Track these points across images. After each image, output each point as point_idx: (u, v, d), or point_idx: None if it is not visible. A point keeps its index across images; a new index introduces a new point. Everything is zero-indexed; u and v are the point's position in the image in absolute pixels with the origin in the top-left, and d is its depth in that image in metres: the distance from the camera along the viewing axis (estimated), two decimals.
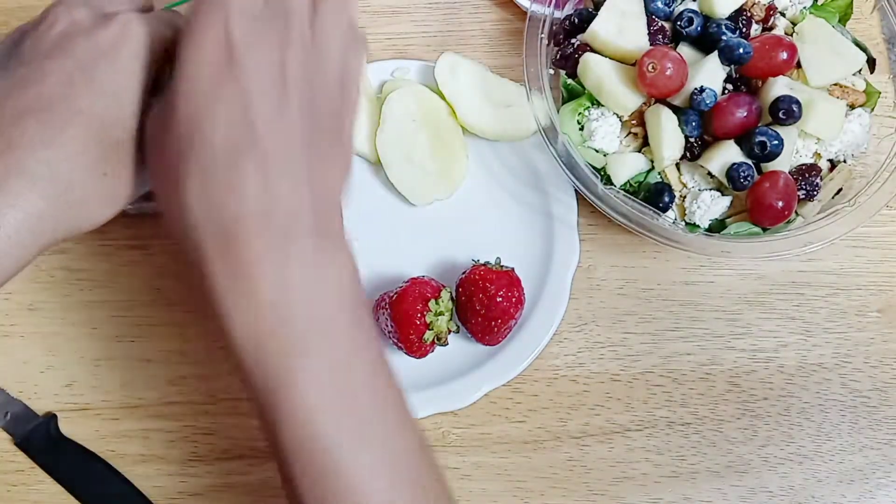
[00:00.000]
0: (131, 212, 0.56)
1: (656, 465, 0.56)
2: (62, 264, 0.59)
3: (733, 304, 0.59)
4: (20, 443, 0.55)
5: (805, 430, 0.56)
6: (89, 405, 0.56)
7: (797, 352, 0.58)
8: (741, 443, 0.56)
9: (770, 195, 0.53)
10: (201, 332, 0.57)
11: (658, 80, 0.53)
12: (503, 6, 0.65)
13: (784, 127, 0.54)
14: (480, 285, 0.53)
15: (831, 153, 0.57)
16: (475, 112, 0.60)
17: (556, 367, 0.57)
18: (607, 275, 0.59)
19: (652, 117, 0.55)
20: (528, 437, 0.56)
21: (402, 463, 0.37)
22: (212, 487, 0.55)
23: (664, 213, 0.55)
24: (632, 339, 0.58)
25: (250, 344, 0.36)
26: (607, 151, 0.57)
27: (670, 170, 0.56)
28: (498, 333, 0.54)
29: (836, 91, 0.57)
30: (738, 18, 0.56)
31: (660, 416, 0.56)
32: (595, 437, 0.56)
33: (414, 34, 0.64)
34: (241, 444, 0.56)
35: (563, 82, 0.58)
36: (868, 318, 0.59)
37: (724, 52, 0.54)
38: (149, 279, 0.59)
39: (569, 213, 0.58)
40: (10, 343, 0.57)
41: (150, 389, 0.57)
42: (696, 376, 0.57)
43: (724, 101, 0.54)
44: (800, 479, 0.56)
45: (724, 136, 0.54)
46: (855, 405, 0.57)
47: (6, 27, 0.64)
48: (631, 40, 0.56)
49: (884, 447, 0.56)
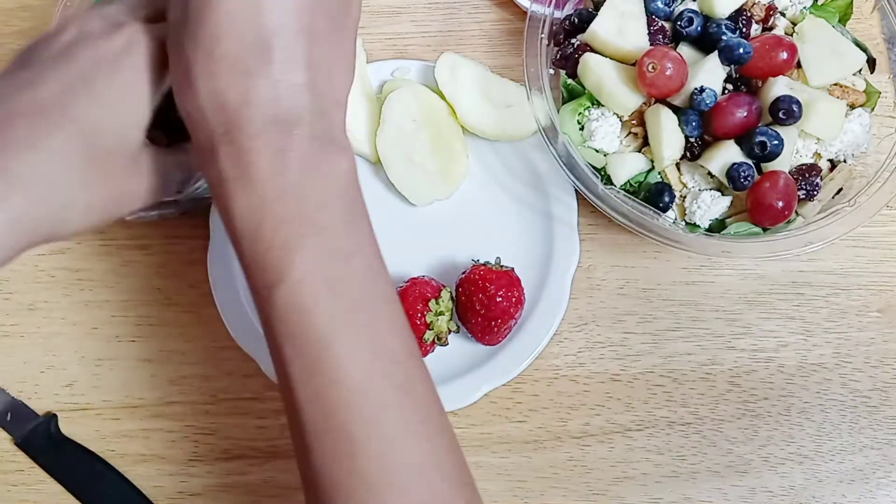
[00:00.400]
0: (131, 219, 0.56)
1: (656, 464, 0.56)
2: (62, 264, 0.59)
3: (733, 304, 0.59)
4: (20, 443, 0.55)
5: (805, 430, 0.56)
6: (89, 405, 0.56)
7: (797, 352, 0.58)
8: (741, 443, 0.56)
9: (770, 195, 0.53)
10: (201, 332, 0.57)
11: (658, 80, 0.53)
12: (503, 6, 0.65)
13: (784, 127, 0.54)
14: (480, 285, 0.53)
15: (831, 153, 0.57)
16: (475, 112, 0.60)
17: (557, 367, 0.57)
18: (607, 275, 0.59)
19: (652, 117, 0.55)
20: (528, 437, 0.56)
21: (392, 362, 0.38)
22: (212, 487, 0.55)
23: (664, 213, 0.55)
24: (632, 339, 0.58)
25: (248, 238, 0.36)
26: (607, 151, 0.57)
27: (670, 170, 0.56)
28: (498, 333, 0.54)
29: (836, 91, 0.57)
30: (738, 18, 0.56)
31: (660, 415, 0.56)
32: (595, 436, 0.56)
33: (414, 34, 0.64)
34: (241, 444, 0.56)
35: (563, 82, 0.58)
36: (868, 318, 0.59)
37: (724, 52, 0.54)
38: (149, 279, 0.59)
39: (569, 213, 0.58)
40: (10, 343, 0.58)
41: (150, 389, 0.57)
42: (697, 376, 0.57)
43: (724, 101, 0.54)
44: (800, 478, 0.56)
45: (724, 136, 0.54)
46: (855, 405, 0.57)
47: (6, 27, 0.64)
48: (631, 40, 0.56)
49: (884, 447, 0.56)
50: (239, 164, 0.36)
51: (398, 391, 0.37)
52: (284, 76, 0.37)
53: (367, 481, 0.36)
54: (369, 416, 0.36)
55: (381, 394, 0.37)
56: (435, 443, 0.38)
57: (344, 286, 0.37)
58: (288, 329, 0.36)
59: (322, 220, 0.37)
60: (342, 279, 0.37)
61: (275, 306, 0.36)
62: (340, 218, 0.38)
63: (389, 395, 0.37)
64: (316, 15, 0.38)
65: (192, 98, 0.37)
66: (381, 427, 0.36)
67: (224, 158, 0.37)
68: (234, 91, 0.36)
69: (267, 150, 0.36)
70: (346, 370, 0.36)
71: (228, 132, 0.36)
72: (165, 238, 0.59)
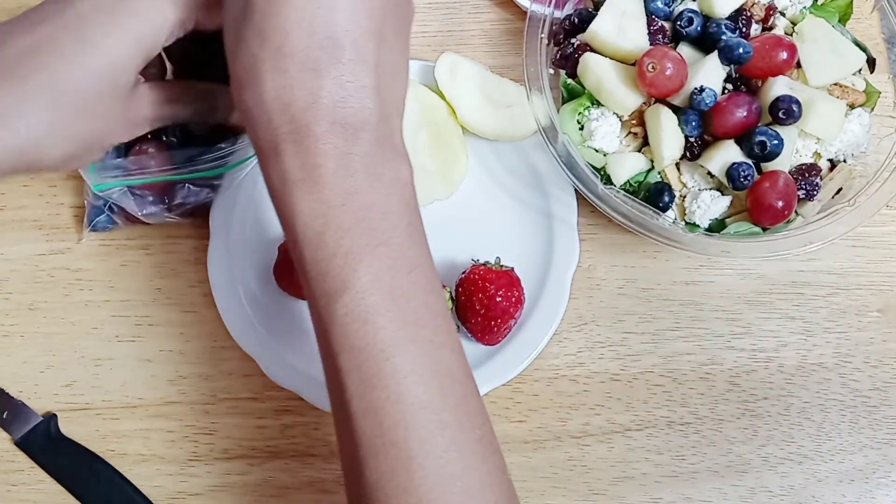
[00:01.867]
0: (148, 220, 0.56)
1: (656, 464, 0.56)
2: (62, 264, 0.59)
3: (733, 303, 0.59)
4: (20, 442, 0.55)
5: (805, 430, 0.56)
6: (89, 405, 0.56)
7: (797, 351, 0.58)
8: (741, 442, 0.56)
9: (770, 195, 0.53)
10: (201, 332, 0.57)
11: (658, 79, 0.53)
12: (503, 6, 0.65)
13: (784, 127, 0.54)
14: (480, 285, 0.53)
15: (831, 153, 0.57)
16: (475, 112, 0.60)
17: (556, 367, 0.57)
18: (607, 275, 0.59)
19: (652, 117, 0.55)
20: (528, 437, 0.56)
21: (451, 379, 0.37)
22: (211, 487, 0.55)
23: (664, 212, 0.55)
24: (632, 339, 0.58)
25: (311, 243, 0.36)
26: (607, 151, 0.57)
27: (670, 170, 0.56)
28: (498, 333, 0.54)
29: (836, 91, 0.57)
30: (738, 18, 0.56)
31: (660, 415, 0.56)
32: (595, 436, 0.56)
33: (414, 34, 0.63)
34: (241, 444, 0.56)
35: (563, 82, 0.58)
36: (868, 317, 0.59)
37: (724, 51, 0.54)
38: (149, 279, 0.59)
39: (569, 213, 0.58)
40: (10, 343, 0.58)
41: (150, 389, 0.57)
42: (696, 376, 0.57)
43: (724, 100, 0.54)
44: (800, 478, 0.56)
45: (724, 135, 0.54)
46: (855, 405, 0.57)
47: None
48: (631, 40, 0.56)
49: (884, 447, 0.56)
50: (305, 166, 0.35)
51: (456, 409, 0.36)
52: (354, 77, 0.36)
53: (423, 499, 0.35)
54: (428, 434, 0.35)
55: (440, 411, 0.36)
56: (490, 462, 0.37)
57: (406, 299, 0.36)
58: (347, 340, 0.35)
59: (386, 230, 0.36)
60: (405, 291, 0.36)
61: (335, 316, 0.35)
62: (403, 228, 0.37)
63: (448, 412, 0.36)
64: (386, 17, 0.37)
65: (255, 94, 0.36)
66: (438, 445, 0.35)
67: (289, 159, 0.36)
68: (303, 89, 0.35)
69: (335, 153, 0.35)
70: (407, 385, 0.35)
71: (295, 131, 0.35)
72: (165, 238, 0.59)
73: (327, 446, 0.55)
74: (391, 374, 0.35)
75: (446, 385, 0.36)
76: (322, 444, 0.55)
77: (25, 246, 0.59)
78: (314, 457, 0.55)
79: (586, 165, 0.55)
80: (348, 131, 0.36)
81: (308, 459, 0.55)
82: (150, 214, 0.56)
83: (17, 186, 0.60)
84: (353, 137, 0.36)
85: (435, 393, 0.36)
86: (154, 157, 0.52)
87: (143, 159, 0.52)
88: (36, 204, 0.60)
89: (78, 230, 0.59)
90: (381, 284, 0.36)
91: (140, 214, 0.55)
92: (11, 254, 0.59)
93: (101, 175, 0.52)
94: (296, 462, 0.55)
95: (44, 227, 0.60)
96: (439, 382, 0.36)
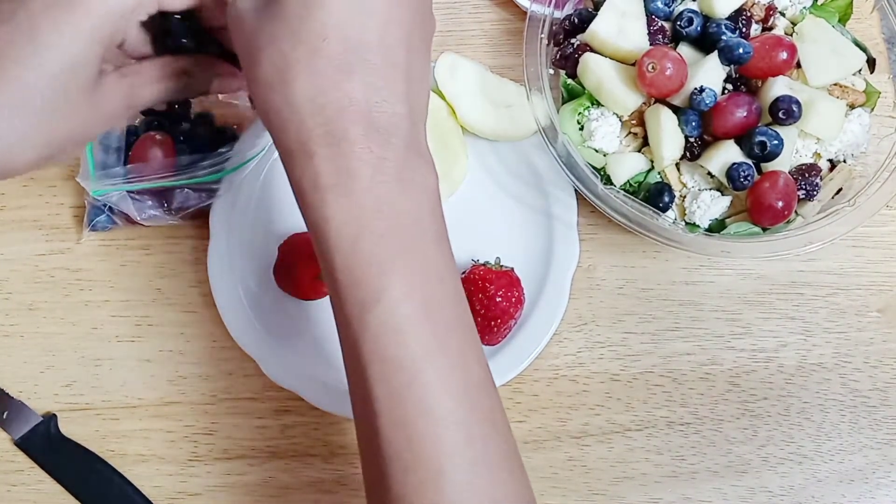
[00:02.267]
0: (147, 223, 0.56)
1: (656, 464, 0.56)
2: (62, 264, 0.59)
3: (733, 304, 0.59)
4: (20, 442, 0.55)
5: (805, 430, 0.56)
6: (89, 405, 0.56)
7: (797, 352, 0.58)
8: (741, 443, 0.56)
9: (770, 195, 0.53)
10: (201, 332, 0.57)
11: (658, 80, 0.53)
12: (503, 6, 0.65)
13: (784, 127, 0.54)
14: (480, 285, 0.53)
15: (831, 153, 0.57)
16: (475, 112, 0.60)
17: (556, 367, 0.57)
18: (607, 275, 0.59)
19: (652, 117, 0.55)
20: (528, 437, 0.56)
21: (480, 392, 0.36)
22: (211, 487, 0.55)
23: (664, 213, 0.55)
24: (632, 339, 0.58)
25: (344, 251, 0.35)
26: (607, 151, 0.57)
27: (670, 170, 0.56)
28: (498, 333, 0.54)
29: (836, 91, 0.57)
30: (738, 18, 0.56)
31: (660, 416, 0.56)
32: (595, 436, 0.56)
33: None
34: (240, 444, 0.56)
35: (563, 82, 0.58)
36: (868, 318, 0.59)
37: (723, 52, 0.54)
38: (149, 279, 0.59)
39: (569, 213, 0.58)
40: (10, 343, 0.58)
41: (149, 389, 0.57)
42: (696, 376, 0.57)
43: (723, 101, 0.54)
44: (800, 478, 0.56)
45: (724, 135, 0.54)
46: (855, 405, 0.57)
47: None
48: (631, 40, 0.56)
49: (884, 447, 0.56)
50: (339, 170, 0.35)
51: (485, 423, 0.36)
52: (386, 82, 0.36)
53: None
54: (457, 448, 0.35)
55: (470, 425, 0.35)
56: (516, 477, 0.37)
57: (437, 310, 0.36)
58: (379, 351, 0.35)
59: (418, 238, 0.36)
60: (437, 302, 0.36)
61: (367, 326, 0.35)
62: (433, 237, 0.37)
63: (477, 426, 0.35)
64: (414, 25, 0.37)
65: (285, 95, 0.35)
66: (468, 459, 0.35)
67: (322, 162, 0.35)
68: (338, 92, 0.35)
69: (370, 158, 0.35)
70: (438, 398, 0.35)
71: (330, 133, 0.35)
72: (165, 238, 0.59)
73: (327, 446, 0.55)
74: (422, 386, 0.34)
75: (475, 398, 0.36)
76: (322, 444, 0.55)
77: (25, 246, 0.59)
78: (314, 457, 0.55)
79: (586, 165, 0.55)
80: (382, 136, 0.35)
81: (308, 459, 0.55)
82: (149, 218, 0.56)
83: (16, 186, 0.60)
84: (386, 143, 0.35)
85: (465, 406, 0.35)
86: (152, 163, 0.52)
87: (142, 166, 0.52)
88: (36, 204, 0.60)
89: (78, 230, 0.59)
90: (415, 294, 0.35)
91: (139, 218, 0.56)
92: (11, 254, 0.59)
93: (99, 182, 0.52)
94: (296, 462, 0.55)
95: (44, 227, 0.60)
96: (468, 395, 0.35)
